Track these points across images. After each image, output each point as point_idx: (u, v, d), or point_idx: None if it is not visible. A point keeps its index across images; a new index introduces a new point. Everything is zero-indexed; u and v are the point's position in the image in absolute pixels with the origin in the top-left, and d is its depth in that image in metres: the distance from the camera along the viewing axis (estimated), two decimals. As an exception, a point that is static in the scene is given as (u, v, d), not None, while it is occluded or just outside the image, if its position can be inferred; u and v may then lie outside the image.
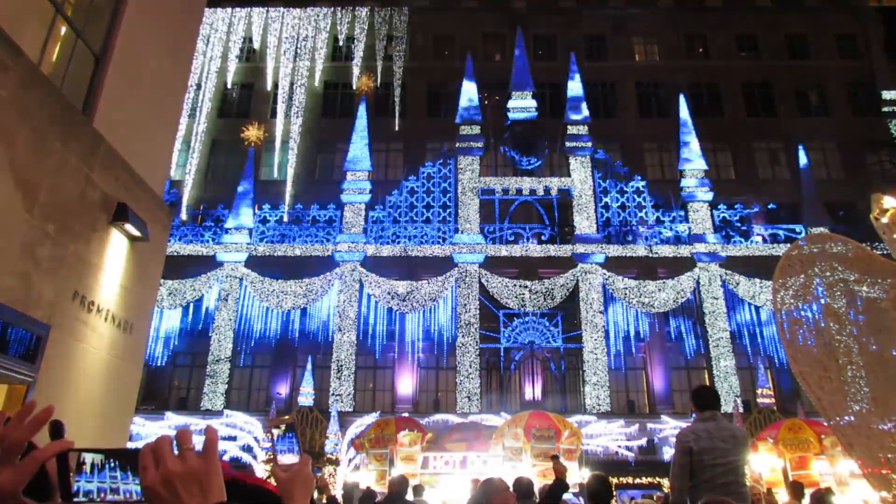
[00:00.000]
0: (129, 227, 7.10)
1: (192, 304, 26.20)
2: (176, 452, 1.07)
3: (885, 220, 5.06)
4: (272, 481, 1.37)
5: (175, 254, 25.43)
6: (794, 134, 29.59)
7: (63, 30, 6.74)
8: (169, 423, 23.63)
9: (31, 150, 5.64)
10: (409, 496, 8.06)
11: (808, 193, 27.58)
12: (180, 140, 28.15)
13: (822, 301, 4.75)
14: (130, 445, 20.35)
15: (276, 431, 1.39)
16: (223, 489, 1.07)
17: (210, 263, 26.63)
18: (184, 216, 27.77)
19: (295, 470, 1.26)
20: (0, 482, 1.18)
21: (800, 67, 31.63)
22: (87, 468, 1.14)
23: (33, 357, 5.78)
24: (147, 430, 23.03)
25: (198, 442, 1.06)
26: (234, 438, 23.06)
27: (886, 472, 4.11)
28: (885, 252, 5.06)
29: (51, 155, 5.92)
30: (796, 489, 9.83)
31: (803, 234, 25.42)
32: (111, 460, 1.16)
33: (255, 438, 23.05)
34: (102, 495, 1.13)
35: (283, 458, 1.32)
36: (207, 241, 27.20)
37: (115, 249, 7.07)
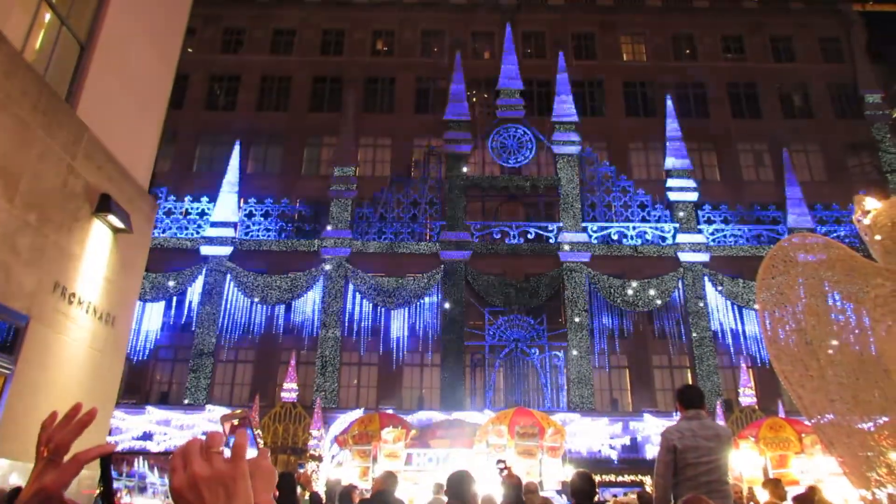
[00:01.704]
0: (111, 219, 7.02)
1: (175, 298, 26.00)
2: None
3: (866, 221, 5.11)
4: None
5: (159, 246, 25.20)
6: (779, 136, 29.88)
7: (48, 17, 6.64)
8: (150, 418, 23.45)
9: (12, 138, 5.55)
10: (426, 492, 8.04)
11: (791, 195, 27.86)
12: (166, 131, 27.85)
13: (804, 300, 4.79)
14: (110, 440, 20.09)
15: (228, 426, 1.35)
16: (250, 495, 1.06)
17: (194, 257, 26.43)
18: (168, 208, 27.49)
19: (253, 464, 1.23)
20: (45, 483, 1.21)
21: (784, 70, 31.92)
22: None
23: (11, 349, 5.70)
24: (127, 425, 22.86)
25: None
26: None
27: (866, 469, 4.16)
28: (866, 253, 5.11)
29: (33, 143, 5.83)
30: (776, 486, 9.91)
31: (786, 235, 25.68)
32: (139, 460, 1.17)
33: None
34: (130, 493, 1.15)
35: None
36: (192, 235, 27.00)
37: (98, 240, 6.99)
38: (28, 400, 5.87)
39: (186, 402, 24.48)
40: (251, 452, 1.27)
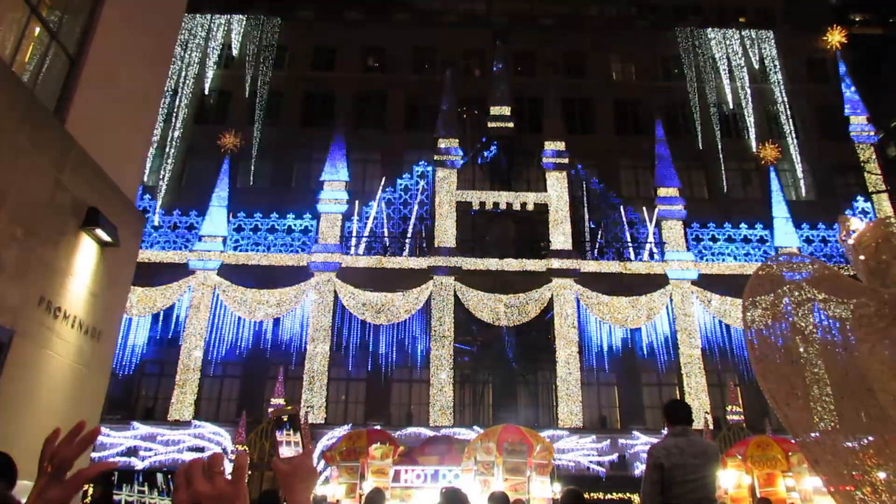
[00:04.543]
0: (99, 232, 6.98)
1: (162, 312, 25.80)
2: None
3: (851, 241, 5.16)
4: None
5: (147, 260, 25.04)
6: (766, 155, 30.18)
7: (38, 30, 6.64)
8: (136, 434, 23.18)
9: (-1, 152, 5.53)
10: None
11: (778, 214, 28.14)
12: (155, 145, 27.82)
13: (790, 319, 4.83)
14: (94, 456, 19.84)
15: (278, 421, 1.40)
16: None
17: (182, 271, 26.27)
18: (157, 222, 27.38)
19: (296, 462, 1.27)
20: (49, 498, 1.26)
21: (771, 90, 32.33)
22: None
23: (-5, 363, 5.63)
24: (112, 440, 22.59)
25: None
26: (201, 450, 22.69)
27: (851, 489, 4.17)
28: (851, 273, 5.16)
29: (20, 157, 5.81)
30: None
31: (773, 254, 25.88)
32: (139, 476, 1.21)
33: (224, 450, 22.67)
34: None
35: (283, 451, 1.32)
36: (180, 249, 26.86)
37: (85, 254, 6.94)
38: (11, 415, 5.80)
39: (172, 417, 24.21)
40: (294, 450, 1.30)
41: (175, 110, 29.86)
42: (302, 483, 1.24)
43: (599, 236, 27.88)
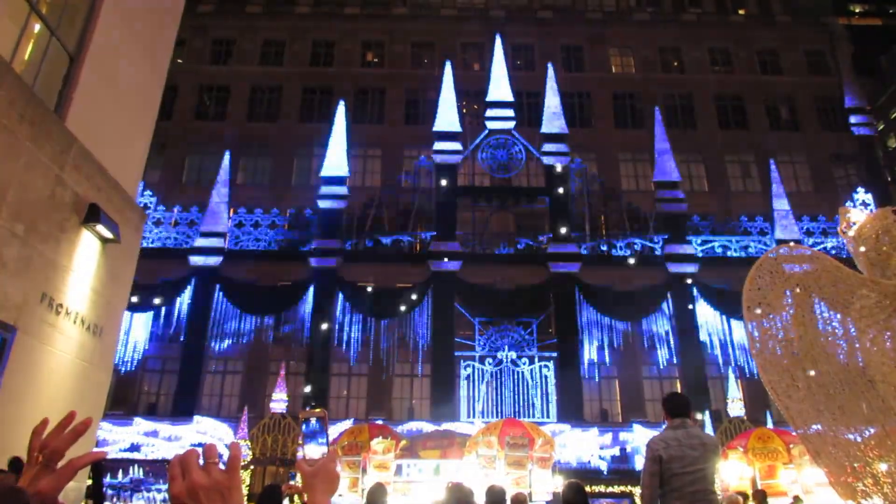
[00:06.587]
0: (100, 229, 6.99)
1: (163, 308, 25.81)
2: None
3: (851, 233, 5.16)
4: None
5: (147, 256, 25.00)
6: (765, 147, 30.16)
7: (37, 27, 6.64)
8: (138, 430, 23.21)
9: None
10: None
11: (778, 206, 28.11)
12: (155, 141, 27.77)
13: (791, 311, 4.83)
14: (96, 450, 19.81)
15: (307, 422, 1.44)
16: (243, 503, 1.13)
17: (183, 267, 26.27)
18: (157, 218, 27.34)
19: (319, 465, 1.31)
20: (41, 487, 1.29)
21: (771, 82, 32.28)
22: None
23: (-2, 360, 5.65)
24: (114, 436, 22.62)
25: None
26: (202, 445, 22.76)
27: (852, 480, 4.18)
28: (853, 265, 5.15)
29: (20, 154, 5.81)
30: (760, 497, 9.97)
31: (773, 246, 25.87)
32: (135, 465, 1.23)
33: (226, 446, 22.71)
34: (126, 497, 1.21)
35: (309, 451, 1.36)
36: (181, 245, 26.85)
37: (86, 251, 6.95)
38: (14, 411, 5.82)
39: (174, 413, 24.25)
40: (319, 452, 1.33)
41: (175, 106, 29.78)
42: (323, 485, 1.27)
43: (599, 229, 27.84)
